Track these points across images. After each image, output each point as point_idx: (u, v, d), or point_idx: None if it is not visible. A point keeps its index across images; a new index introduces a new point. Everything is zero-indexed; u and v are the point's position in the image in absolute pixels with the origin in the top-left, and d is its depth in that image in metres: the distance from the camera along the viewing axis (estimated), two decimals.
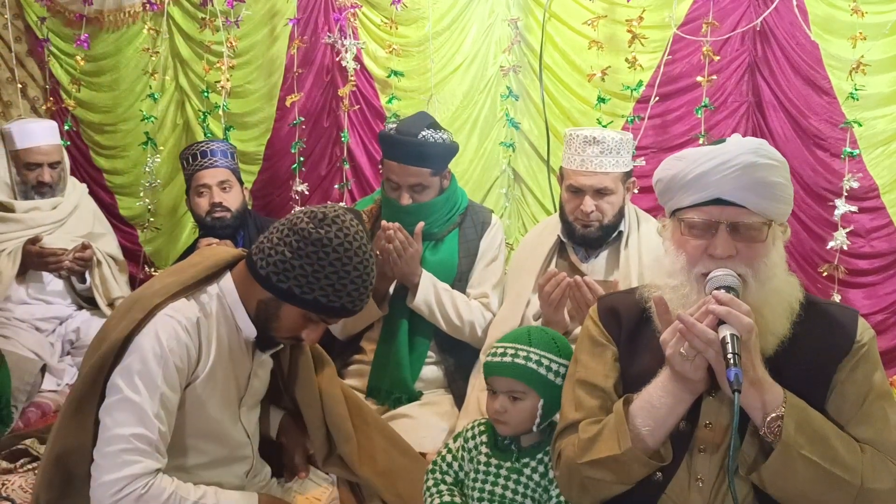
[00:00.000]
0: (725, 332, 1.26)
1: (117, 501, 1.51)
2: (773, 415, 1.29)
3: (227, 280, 1.70)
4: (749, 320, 1.27)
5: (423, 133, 2.40)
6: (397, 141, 2.41)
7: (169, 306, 1.61)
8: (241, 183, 3.00)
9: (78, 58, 3.65)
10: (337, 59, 3.36)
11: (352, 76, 3.32)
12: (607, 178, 2.26)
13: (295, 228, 1.59)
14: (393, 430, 2.05)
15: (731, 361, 1.23)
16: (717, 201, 1.38)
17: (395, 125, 2.46)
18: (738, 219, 1.36)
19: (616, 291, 1.59)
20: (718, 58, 2.94)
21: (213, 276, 1.70)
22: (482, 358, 2.39)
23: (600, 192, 2.28)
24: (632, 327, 1.52)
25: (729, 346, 1.25)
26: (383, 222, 2.38)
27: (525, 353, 1.66)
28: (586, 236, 2.32)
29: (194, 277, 1.67)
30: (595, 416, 1.46)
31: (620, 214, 2.33)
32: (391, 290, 2.49)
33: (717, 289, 1.32)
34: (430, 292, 2.41)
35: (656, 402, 1.36)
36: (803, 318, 1.39)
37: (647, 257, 2.23)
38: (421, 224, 2.41)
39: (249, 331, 1.69)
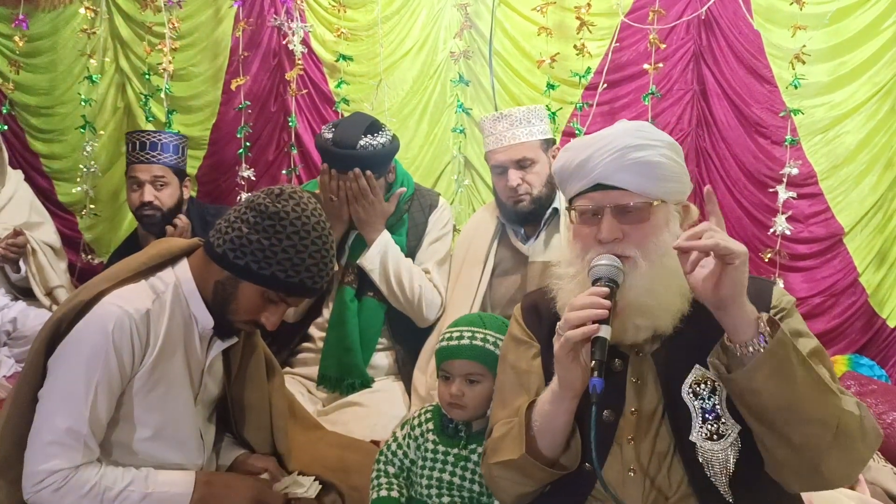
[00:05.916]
0: (602, 334, 1.23)
1: (36, 493, 1.53)
2: (763, 321, 1.22)
3: (184, 266, 1.66)
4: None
5: (362, 141, 2.34)
6: (336, 154, 2.35)
7: (116, 294, 1.57)
8: (183, 177, 2.88)
9: (16, 38, 3.51)
10: (284, 42, 3.30)
11: (299, 60, 3.27)
12: (523, 147, 2.36)
13: (252, 205, 1.58)
14: (342, 434, 2.08)
15: (594, 371, 1.20)
16: (599, 186, 1.38)
17: (331, 134, 2.37)
18: (620, 201, 1.36)
19: (540, 288, 1.56)
20: (665, 46, 2.98)
21: (167, 262, 1.66)
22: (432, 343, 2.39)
23: (521, 164, 2.36)
24: (551, 324, 1.47)
25: (596, 353, 1.21)
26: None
27: (482, 336, 1.67)
28: (520, 211, 2.38)
29: (145, 264, 1.64)
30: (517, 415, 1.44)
31: (552, 186, 2.37)
32: (343, 262, 2.46)
33: (596, 281, 1.31)
34: (387, 251, 2.39)
35: (547, 406, 1.36)
36: None
37: None
38: (402, 189, 2.47)
39: (206, 321, 1.66)
